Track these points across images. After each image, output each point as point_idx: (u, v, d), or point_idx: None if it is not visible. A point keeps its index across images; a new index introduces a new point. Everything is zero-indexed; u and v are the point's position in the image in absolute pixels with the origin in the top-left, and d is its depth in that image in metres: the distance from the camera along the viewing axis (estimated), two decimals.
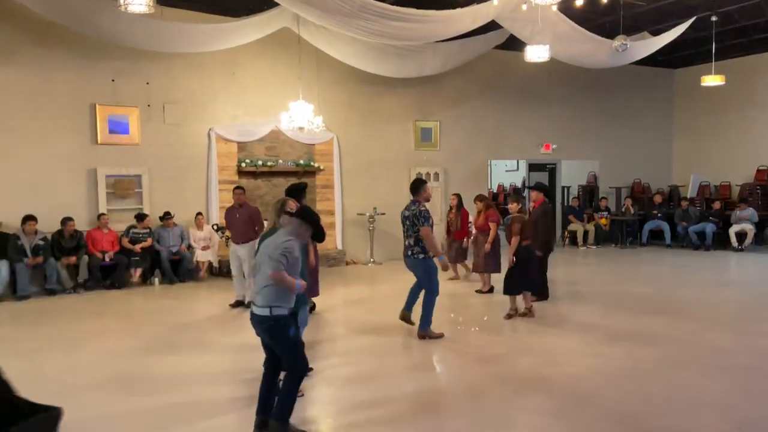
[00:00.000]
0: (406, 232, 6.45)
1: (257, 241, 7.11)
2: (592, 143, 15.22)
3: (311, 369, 4.92)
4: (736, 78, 13.79)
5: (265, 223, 7.67)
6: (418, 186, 6.46)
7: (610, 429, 4.16)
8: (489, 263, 8.77)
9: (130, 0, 6.81)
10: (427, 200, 6.47)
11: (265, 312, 3.87)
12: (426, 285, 6.43)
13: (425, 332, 6.40)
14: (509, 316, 7.26)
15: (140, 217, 10.00)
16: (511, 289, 7.24)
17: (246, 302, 7.74)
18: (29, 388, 2.88)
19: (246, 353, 5.66)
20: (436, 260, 6.32)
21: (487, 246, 8.65)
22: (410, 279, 6.67)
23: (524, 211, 7.63)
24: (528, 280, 7.26)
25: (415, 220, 6.30)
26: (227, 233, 10.56)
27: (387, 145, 12.61)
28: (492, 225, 8.75)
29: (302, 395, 4.58)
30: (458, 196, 10.00)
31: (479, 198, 9.22)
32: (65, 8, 8.43)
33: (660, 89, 16.29)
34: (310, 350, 5.12)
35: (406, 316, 6.63)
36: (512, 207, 7.42)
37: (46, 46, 9.54)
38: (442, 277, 6.84)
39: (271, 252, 3.90)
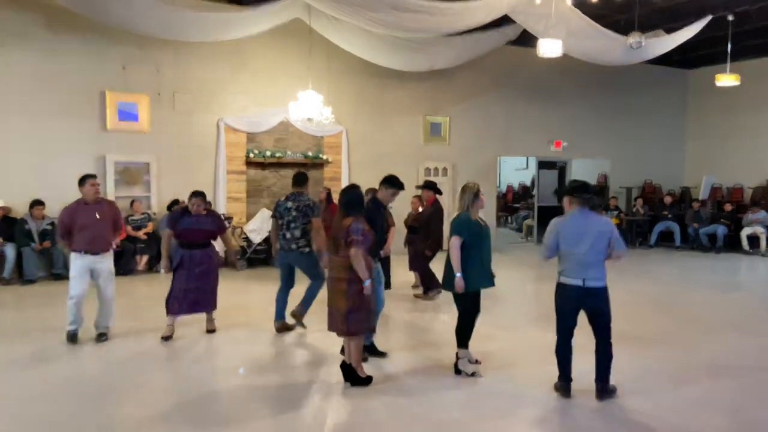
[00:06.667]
0: (287, 225, 6.23)
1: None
2: (603, 142, 15.07)
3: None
4: (752, 80, 13.58)
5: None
6: (305, 179, 6.42)
7: (613, 429, 4.09)
8: None
9: None
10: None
11: (602, 284, 4.44)
12: (314, 276, 6.34)
13: (301, 313, 6.32)
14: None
15: (131, 203, 10.06)
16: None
17: (101, 331, 5.99)
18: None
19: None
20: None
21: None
22: None
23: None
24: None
25: (307, 211, 6.19)
26: (234, 223, 10.60)
27: (396, 139, 12.55)
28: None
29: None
30: (327, 189, 9.90)
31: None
32: None
33: (673, 89, 16.11)
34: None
35: (285, 326, 6.38)
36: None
37: (58, 30, 9.54)
38: None
39: (608, 231, 4.42)
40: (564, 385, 4.56)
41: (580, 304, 4.50)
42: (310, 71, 10.63)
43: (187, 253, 6.03)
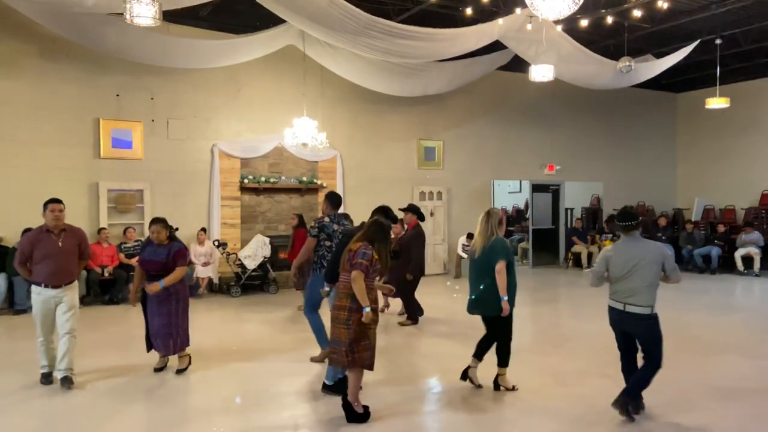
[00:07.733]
0: (338, 248, 5.71)
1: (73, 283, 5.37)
2: (596, 165, 15.19)
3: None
4: (741, 102, 13.78)
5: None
6: (341, 200, 6.33)
7: None
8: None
9: (136, 13, 6.78)
10: None
11: (647, 311, 4.44)
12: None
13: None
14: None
15: (125, 230, 10.01)
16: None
17: (63, 374, 5.33)
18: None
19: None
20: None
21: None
22: None
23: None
24: None
25: (353, 235, 5.81)
26: (228, 249, 10.52)
27: (390, 163, 12.58)
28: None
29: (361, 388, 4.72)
30: (299, 215, 9.61)
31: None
32: (72, 22, 8.46)
33: (663, 112, 16.31)
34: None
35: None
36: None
37: (52, 59, 9.57)
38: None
39: (662, 259, 4.43)
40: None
41: (623, 327, 4.61)
42: (305, 97, 10.69)
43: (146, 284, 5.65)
